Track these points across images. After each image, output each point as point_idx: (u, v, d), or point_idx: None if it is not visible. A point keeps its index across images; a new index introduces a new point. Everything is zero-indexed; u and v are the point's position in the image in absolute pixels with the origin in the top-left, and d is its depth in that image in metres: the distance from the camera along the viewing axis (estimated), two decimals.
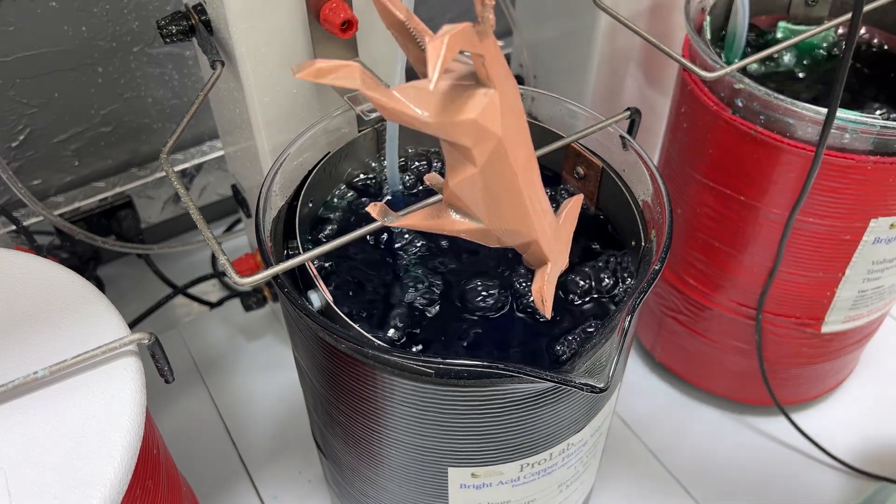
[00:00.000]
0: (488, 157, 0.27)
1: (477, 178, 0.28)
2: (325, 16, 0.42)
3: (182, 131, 0.39)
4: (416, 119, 0.26)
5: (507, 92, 0.27)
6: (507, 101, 0.27)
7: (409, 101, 0.25)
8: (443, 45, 0.23)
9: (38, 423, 0.31)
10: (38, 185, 0.67)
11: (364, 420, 0.38)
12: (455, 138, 0.27)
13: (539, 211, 0.31)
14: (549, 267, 0.33)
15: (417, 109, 0.25)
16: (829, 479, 0.60)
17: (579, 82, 0.64)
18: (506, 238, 0.31)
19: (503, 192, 0.29)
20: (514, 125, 0.28)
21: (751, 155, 0.48)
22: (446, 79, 0.26)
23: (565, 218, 0.35)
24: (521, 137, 0.28)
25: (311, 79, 0.24)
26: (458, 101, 0.26)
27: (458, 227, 0.31)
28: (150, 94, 0.67)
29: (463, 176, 0.28)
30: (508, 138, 0.27)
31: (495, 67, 0.26)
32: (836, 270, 0.52)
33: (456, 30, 0.24)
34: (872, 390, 0.67)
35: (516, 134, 0.28)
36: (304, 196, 0.41)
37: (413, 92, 0.25)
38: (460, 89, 0.26)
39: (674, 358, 0.65)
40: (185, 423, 0.62)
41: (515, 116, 0.28)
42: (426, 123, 0.26)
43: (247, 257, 0.62)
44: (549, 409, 0.35)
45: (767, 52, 0.45)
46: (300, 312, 0.33)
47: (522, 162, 0.29)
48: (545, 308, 0.34)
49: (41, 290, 0.36)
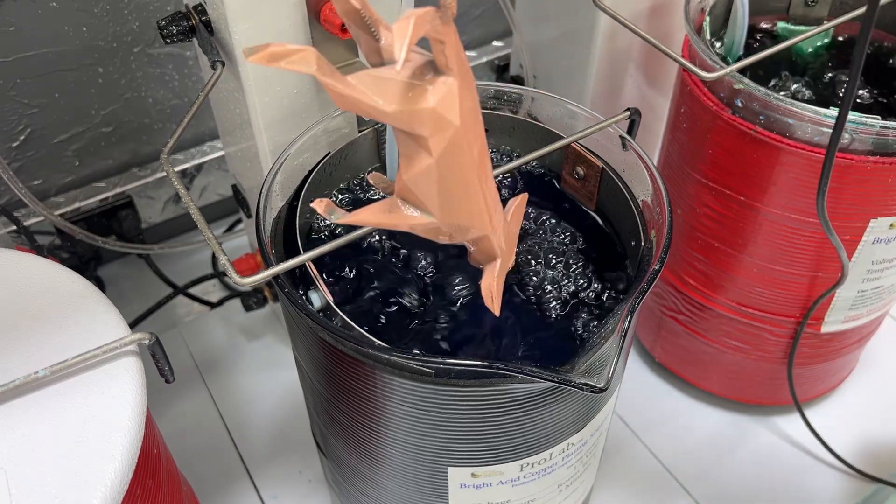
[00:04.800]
0: (445, 147, 0.27)
1: (433, 169, 0.27)
2: (325, 16, 0.42)
3: (182, 131, 0.39)
4: (373, 108, 0.25)
5: (465, 82, 0.26)
6: (464, 90, 0.26)
7: (366, 90, 0.25)
8: (409, 25, 0.23)
9: (39, 423, 0.31)
10: (38, 185, 0.67)
11: (364, 420, 0.38)
12: (412, 128, 0.26)
13: (491, 206, 0.30)
14: (499, 263, 0.32)
15: (376, 98, 0.25)
16: (828, 479, 0.60)
17: (579, 82, 0.64)
18: (457, 233, 0.31)
19: (458, 184, 0.28)
20: (471, 116, 0.27)
21: (751, 155, 0.48)
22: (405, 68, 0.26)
23: (512, 217, 0.35)
24: (476, 129, 0.28)
25: (265, 63, 0.23)
26: (416, 90, 0.25)
27: (410, 222, 0.30)
28: (150, 95, 0.68)
29: (419, 167, 0.28)
30: (465, 128, 0.27)
31: (455, 55, 0.25)
32: (836, 270, 0.52)
33: (421, 12, 0.23)
34: (872, 390, 0.67)
35: (473, 125, 0.27)
36: (304, 196, 0.41)
37: (369, 80, 0.25)
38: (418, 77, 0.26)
39: (674, 358, 0.65)
40: (185, 423, 0.62)
41: (472, 107, 0.27)
42: (383, 112, 0.25)
43: (247, 257, 0.63)
44: (549, 409, 0.35)
45: (767, 52, 0.45)
46: (300, 312, 0.33)
47: (477, 154, 0.28)
48: (494, 306, 0.33)
49: (42, 290, 0.36)
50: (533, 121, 0.45)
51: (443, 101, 0.26)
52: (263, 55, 0.23)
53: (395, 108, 0.25)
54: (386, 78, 0.25)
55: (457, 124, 0.26)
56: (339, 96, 0.25)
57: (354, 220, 0.31)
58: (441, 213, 0.29)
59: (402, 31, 0.23)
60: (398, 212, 0.30)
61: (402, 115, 0.26)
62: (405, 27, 0.23)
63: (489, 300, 0.33)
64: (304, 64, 0.24)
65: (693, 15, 0.51)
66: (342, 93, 0.25)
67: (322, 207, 0.31)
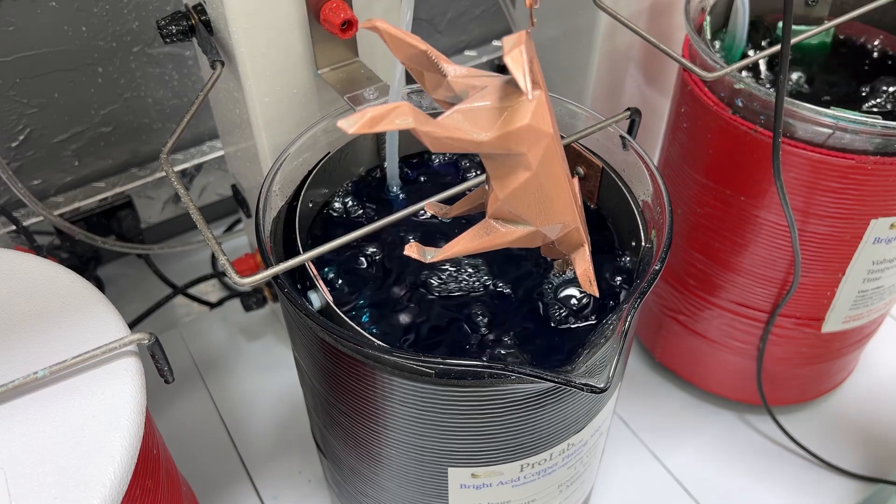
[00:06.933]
0: (542, 156, 0.28)
1: (532, 180, 0.28)
2: (325, 16, 0.42)
3: (182, 131, 0.39)
4: (470, 142, 0.26)
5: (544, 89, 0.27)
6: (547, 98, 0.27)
7: (461, 126, 0.25)
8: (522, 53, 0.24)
9: (38, 423, 0.31)
10: (38, 185, 0.67)
11: (364, 420, 0.38)
12: (510, 149, 0.27)
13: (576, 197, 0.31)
14: (587, 248, 0.33)
15: (472, 131, 0.26)
16: (829, 480, 0.60)
17: (579, 82, 0.63)
18: (551, 233, 0.31)
19: (553, 186, 0.29)
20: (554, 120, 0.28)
21: (751, 155, 0.48)
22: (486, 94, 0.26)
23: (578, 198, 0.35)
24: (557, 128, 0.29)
25: (367, 130, 0.24)
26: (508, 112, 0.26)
27: (510, 238, 0.31)
28: (150, 94, 0.67)
29: (516, 183, 0.28)
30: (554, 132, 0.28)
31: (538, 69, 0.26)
32: (837, 270, 0.52)
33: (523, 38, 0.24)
34: (872, 390, 0.67)
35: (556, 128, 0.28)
36: (304, 196, 0.41)
37: (459, 116, 0.25)
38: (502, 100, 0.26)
39: (674, 358, 0.65)
40: (185, 423, 0.62)
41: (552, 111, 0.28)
42: (481, 143, 0.26)
43: (247, 257, 0.63)
44: (549, 409, 0.35)
45: (767, 52, 0.45)
46: (300, 312, 0.33)
47: (562, 153, 0.29)
48: (593, 288, 0.34)
49: (41, 291, 0.36)
50: None
51: (536, 114, 0.26)
52: (365, 123, 0.23)
53: (493, 134, 0.26)
54: (476, 109, 0.26)
55: (550, 132, 0.27)
56: (435, 139, 0.25)
57: (452, 253, 0.31)
58: (539, 218, 0.30)
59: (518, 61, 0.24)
60: (496, 231, 0.30)
61: (500, 140, 0.26)
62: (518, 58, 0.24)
63: (587, 284, 0.33)
64: (402, 120, 0.24)
65: (693, 14, 0.51)
66: (439, 136, 0.25)
67: (414, 251, 0.31)
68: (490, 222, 0.31)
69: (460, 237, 0.31)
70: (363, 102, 0.42)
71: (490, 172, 0.29)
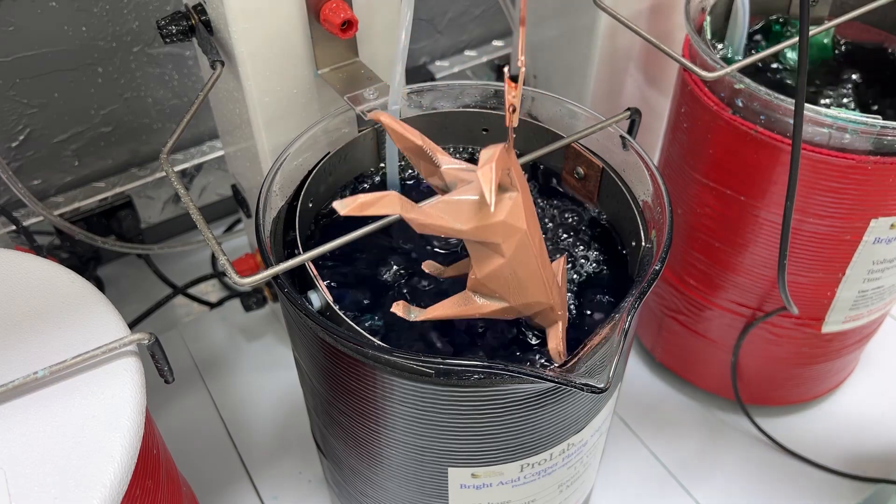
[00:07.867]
0: (515, 248, 0.31)
1: (505, 266, 0.32)
2: (325, 16, 0.42)
3: (182, 131, 0.39)
4: (451, 229, 0.30)
5: (524, 190, 0.31)
6: (525, 198, 0.31)
7: (444, 215, 0.29)
8: (491, 171, 0.27)
9: (38, 424, 0.31)
10: (38, 185, 0.67)
11: (364, 420, 0.38)
12: (486, 238, 0.30)
13: (550, 281, 0.34)
14: (560, 326, 0.35)
15: (453, 222, 0.29)
16: (829, 480, 0.60)
17: (579, 82, 0.63)
18: (525, 310, 0.34)
19: (525, 273, 0.32)
20: (531, 217, 0.31)
21: (751, 155, 0.48)
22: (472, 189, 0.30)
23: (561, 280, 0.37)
24: (535, 224, 0.32)
25: (357, 213, 0.28)
26: (487, 207, 0.29)
27: (486, 310, 0.34)
28: (150, 94, 0.67)
29: (491, 267, 0.32)
30: (529, 228, 0.31)
31: (518, 174, 0.30)
32: (837, 271, 0.52)
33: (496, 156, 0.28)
34: (872, 390, 0.67)
35: (533, 223, 0.32)
36: (304, 196, 0.41)
37: (444, 206, 0.29)
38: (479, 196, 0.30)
39: (674, 358, 0.65)
40: (185, 423, 0.62)
41: (529, 208, 0.31)
42: (461, 231, 0.30)
43: (247, 257, 0.63)
44: (549, 410, 0.35)
45: (767, 52, 0.45)
46: (300, 312, 0.33)
47: (538, 244, 0.32)
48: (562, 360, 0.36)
49: (41, 291, 0.36)
50: (533, 120, 0.45)
51: (511, 212, 0.30)
52: (355, 207, 0.28)
53: (472, 225, 0.30)
54: (458, 201, 0.29)
55: (524, 229, 0.31)
56: (421, 225, 0.29)
57: (434, 316, 0.34)
58: (512, 297, 0.33)
59: (486, 178, 0.27)
60: (473, 303, 0.34)
61: (478, 230, 0.30)
62: (488, 175, 0.27)
63: (557, 358, 0.35)
64: (390, 207, 0.28)
65: (693, 14, 0.51)
66: (425, 222, 0.29)
67: (400, 310, 0.34)
68: (469, 294, 0.34)
69: (442, 303, 0.34)
70: (363, 102, 0.42)
71: (471, 254, 0.32)
